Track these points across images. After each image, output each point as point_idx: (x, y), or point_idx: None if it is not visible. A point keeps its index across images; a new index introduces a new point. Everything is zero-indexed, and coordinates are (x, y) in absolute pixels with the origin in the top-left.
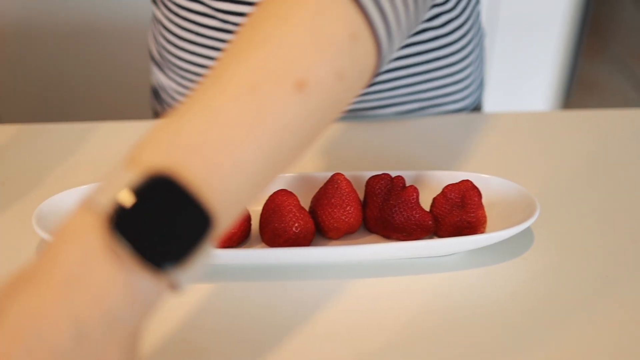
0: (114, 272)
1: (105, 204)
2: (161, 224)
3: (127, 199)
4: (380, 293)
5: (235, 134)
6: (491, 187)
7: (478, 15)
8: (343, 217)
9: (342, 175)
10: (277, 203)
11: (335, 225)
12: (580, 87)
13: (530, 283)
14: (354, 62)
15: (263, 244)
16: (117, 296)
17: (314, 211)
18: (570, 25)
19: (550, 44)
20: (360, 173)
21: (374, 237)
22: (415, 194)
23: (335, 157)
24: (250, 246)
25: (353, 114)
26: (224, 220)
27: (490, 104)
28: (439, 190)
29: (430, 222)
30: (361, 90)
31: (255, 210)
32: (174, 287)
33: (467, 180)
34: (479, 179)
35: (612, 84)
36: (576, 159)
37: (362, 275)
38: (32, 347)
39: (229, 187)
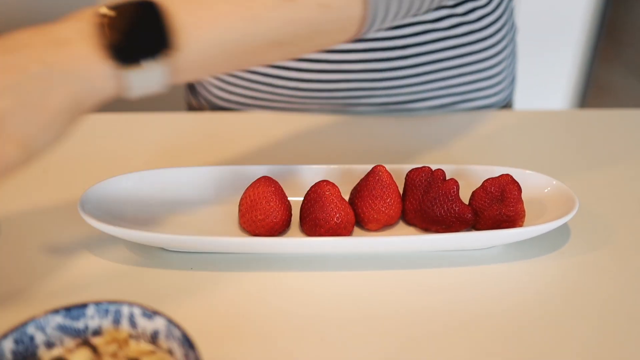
0: (85, 48)
1: (101, 12)
2: (132, 32)
3: (115, 10)
4: (417, 285)
5: (223, 4)
6: (529, 182)
7: (512, 11)
8: (383, 209)
9: (384, 167)
10: (319, 194)
11: (375, 216)
12: (596, 90)
13: (567, 277)
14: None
15: (303, 234)
16: (79, 66)
17: (353, 202)
18: (587, 31)
19: (567, 49)
20: (399, 166)
21: (412, 229)
22: (455, 186)
23: (370, 150)
24: (290, 236)
25: (386, 107)
26: (183, 60)
27: None
28: (476, 185)
29: (469, 215)
30: (343, 39)
31: (295, 200)
32: (123, 85)
33: (508, 175)
34: (518, 174)
35: (626, 87)
36: (610, 155)
37: (400, 267)
38: (7, 65)
39: (200, 36)
